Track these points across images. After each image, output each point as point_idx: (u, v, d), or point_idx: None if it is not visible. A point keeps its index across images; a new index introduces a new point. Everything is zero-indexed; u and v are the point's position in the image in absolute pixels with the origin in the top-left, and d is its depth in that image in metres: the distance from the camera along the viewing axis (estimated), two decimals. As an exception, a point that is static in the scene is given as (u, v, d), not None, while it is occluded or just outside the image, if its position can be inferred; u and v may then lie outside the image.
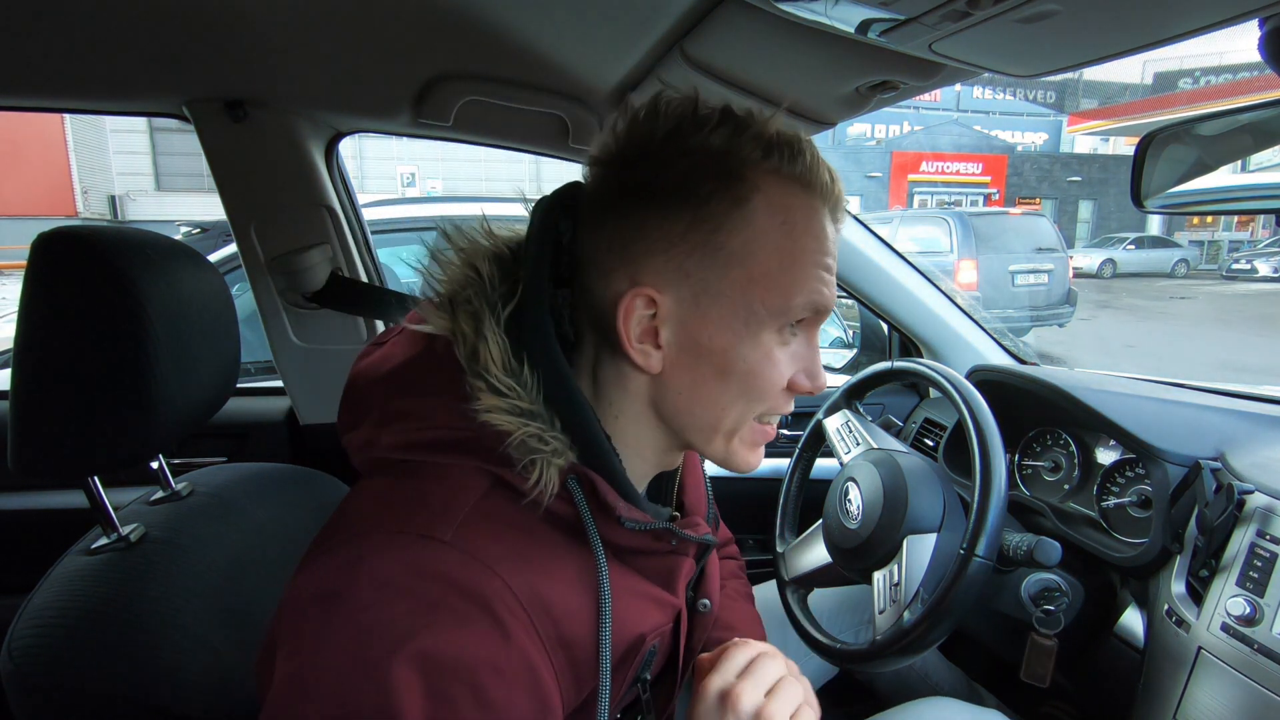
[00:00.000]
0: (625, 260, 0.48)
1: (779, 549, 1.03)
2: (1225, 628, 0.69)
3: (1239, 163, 0.83)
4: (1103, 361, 7.12)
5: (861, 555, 0.83)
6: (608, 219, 0.49)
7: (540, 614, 0.43)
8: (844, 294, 1.37)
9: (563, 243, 0.51)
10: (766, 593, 1.06)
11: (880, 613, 0.79)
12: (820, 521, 0.95)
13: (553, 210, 0.50)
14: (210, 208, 1.57)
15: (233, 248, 1.90)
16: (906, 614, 0.76)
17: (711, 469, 0.65)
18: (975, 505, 0.74)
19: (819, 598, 1.02)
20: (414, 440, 0.47)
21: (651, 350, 0.48)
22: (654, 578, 0.54)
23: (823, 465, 1.08)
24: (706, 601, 0.64)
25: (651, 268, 0.47)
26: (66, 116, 12.81)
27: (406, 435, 0.47)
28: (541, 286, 0.48)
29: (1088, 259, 16.06)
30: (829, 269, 0.50)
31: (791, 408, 0.53)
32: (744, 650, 0.52)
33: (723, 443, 0.52)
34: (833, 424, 1.01)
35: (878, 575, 0.81)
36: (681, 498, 0.63)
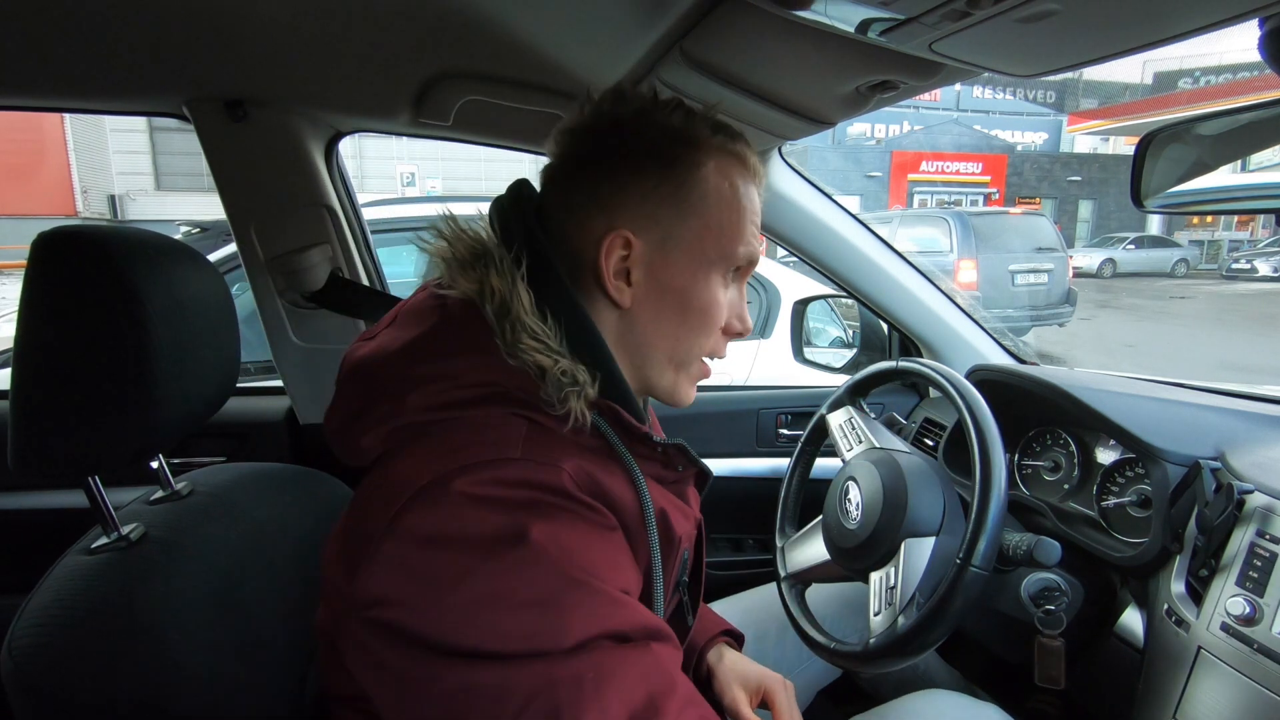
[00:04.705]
0: (603, 208, 0.55)
1: (779, 543, 1.03)
2: (1225, 627, 0.69)
3: (1239, 163, 0.83)
4: (1103, 361, 7.11)
5: (859, 555, 0.83)
6: (582, 177, 0.57)
7: (611, 505, 0.51)
8: (844, 294, 1.37)
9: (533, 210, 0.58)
10: (767, 595, 1.06)
11: (875, 615, 0.79)
12: (820, 517, 0.95)
13: (522, 185, 0.60)
14: (210, 208, 1.58)
15: (233, 248, 1.91)
16: (901, 618, 0.76)
17: (712, 468, 0.65)
18: (974, 513, 0.74)
19: (822, 599, 1.02)
20: (444, 400, 0.50)
21: (624, 287, 0.56)
22: (676, 496, 0.62)
23: (826, 466, 1.08)
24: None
25: (627, 215, 0.55)
26: (66, 116, 12.82)
27: (435, 397, 0.50)
28: (548, 244, 0.55)
29: (1088, 259, 16.04)
30: (759, 228, 0.61)
31: (726, 350, 0.63)
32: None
33: (673, 374, 0.60)
34: (836, 420, 1.01)
35: (875, 576, 0.81)
36: None
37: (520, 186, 0.60)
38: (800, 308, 1.61)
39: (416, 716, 0.44)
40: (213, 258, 2.25)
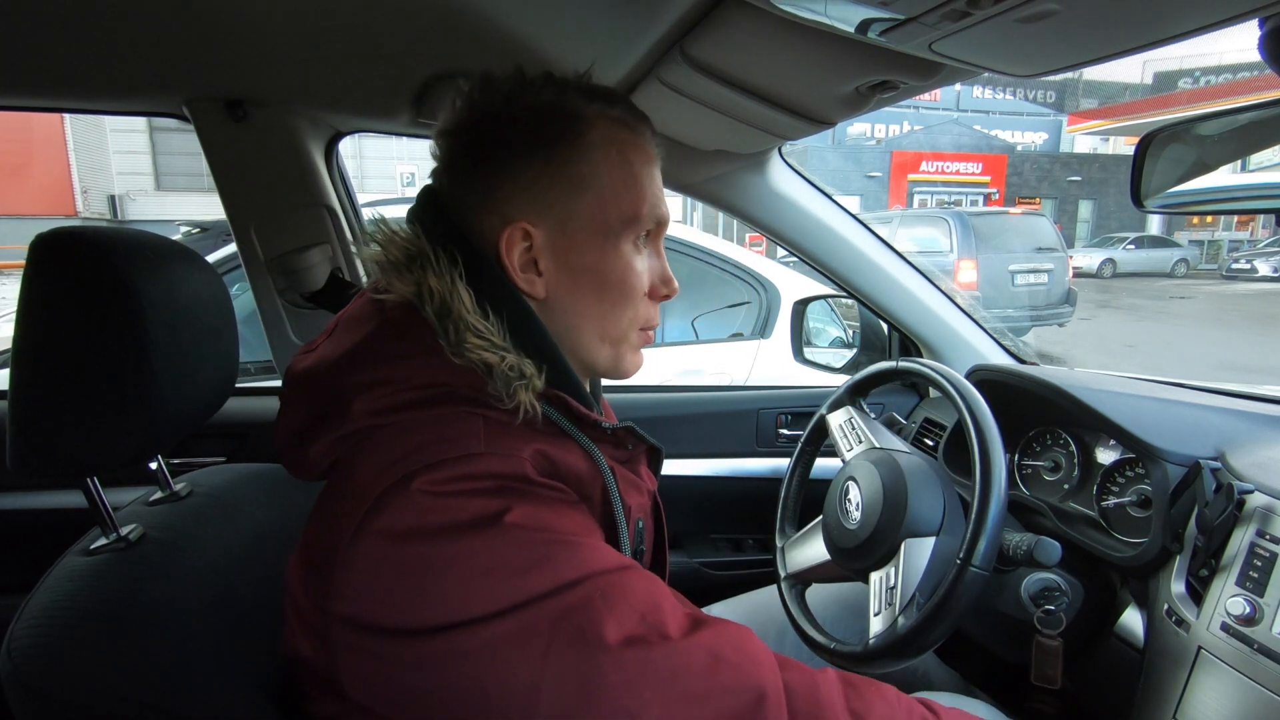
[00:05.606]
0: (495, 205, 0.55)
1: (779, 543, 1.03)
2: (1225, 627, 0.69)
3: (1239, 163, 0.83)
4: (1103, 361, 7.11)
5: (859, 555, 0.83)
6: (469, 177, 0.56)
7: (570, 480, 0.52)
8: (844, 294, 1.37)
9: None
10: (767, 596, 1.06)
11: (875, 615, 0.79)
12: (821, 517, 0.94)
13: (430, 192, 0.59)
14: (210, 208, 1.58)
15: (233, 248, 1.91)
16: (901, 619, 0.76)
17: (712, 468, 0.66)
18: (974, 513, 0.74)
19: (822, 599, 1.02)
20: (391, 404, 0.50)
21: (535, 278, 0.56)
22: (629, 471, 0.63)
23: (826, 466, 1.08)
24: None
25: (519, 205, 0.55)
26: (66, 116, 12.81)
27: (381, 401, 0.50)
28: (480, 241, 0.55)
29: (1088, 259, 16.04)
30: (661, 186, 0.60)
31: (659, 316, 0.62)
32: None
33: (610, 350, 0.60)
34: (836, 420, 1.01)
35: (875, 576, 0.81)
36: None
37: (428, 193, 0.59)
38: (800, 308, 1.61)
39: (438, 698, 0.43)
40: (212, 258, 2.25)
